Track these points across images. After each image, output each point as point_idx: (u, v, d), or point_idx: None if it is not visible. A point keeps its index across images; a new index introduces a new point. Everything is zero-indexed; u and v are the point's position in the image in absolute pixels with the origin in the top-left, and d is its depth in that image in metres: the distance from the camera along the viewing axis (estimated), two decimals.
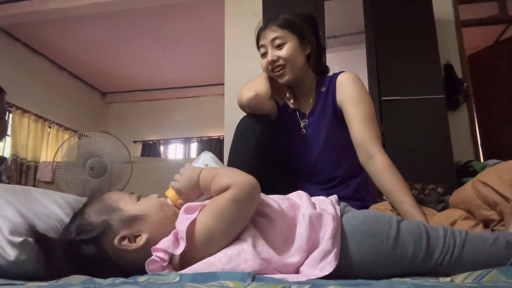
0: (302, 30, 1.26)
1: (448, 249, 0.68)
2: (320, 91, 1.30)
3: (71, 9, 4.03)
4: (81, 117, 6.21)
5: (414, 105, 2.60)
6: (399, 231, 0.70)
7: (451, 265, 0.68)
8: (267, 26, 1.27)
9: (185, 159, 5.81)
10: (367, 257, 0.68)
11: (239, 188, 0.67)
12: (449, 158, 2.46)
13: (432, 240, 0.69)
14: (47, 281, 0.63)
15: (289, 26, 1.25)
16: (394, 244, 0.68)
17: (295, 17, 1.29)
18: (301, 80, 1.30)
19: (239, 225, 0.67)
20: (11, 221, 0.71)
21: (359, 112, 1.19)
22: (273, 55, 1.24)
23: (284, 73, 1.25)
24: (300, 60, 1.26)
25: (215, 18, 4.20)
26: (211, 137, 6.49)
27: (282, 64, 1.24)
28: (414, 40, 2.72)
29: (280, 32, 1.24)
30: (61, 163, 2.60)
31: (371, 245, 0.68)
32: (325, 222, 0.70)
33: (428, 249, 0.68)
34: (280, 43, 1.23)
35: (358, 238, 0.69)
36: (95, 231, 0.68)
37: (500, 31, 4.33)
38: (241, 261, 0.62)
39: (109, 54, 5.51)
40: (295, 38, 1.25)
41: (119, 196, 0.75)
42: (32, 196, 0.87)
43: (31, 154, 5.05)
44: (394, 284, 0.55)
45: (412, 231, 0.70)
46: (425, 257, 0.68)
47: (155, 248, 0.65)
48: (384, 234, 0.69)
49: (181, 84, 6.47)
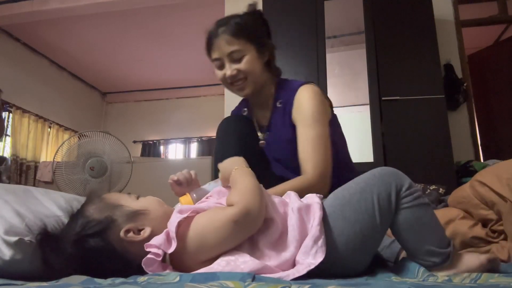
0: (258, 36, 1.17)
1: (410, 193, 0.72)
2: (276, 105, 1.23)
3: (71, 9, 4.04)
4: (81, 117, 6.21)
5: (414, 105, 2.60)
6: (364, 185, 0.74)
7: (406, 209, 0.71)
8: (219, 35, 1.14)
9: (185, 159, 5.81)
10: (355, 225, 0.70)
11: (240, 211, 0.66)
12: (449, 158, 2.47)
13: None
14: (47, 281, 0.63)
15: (245, 34, 1.13)
16: (365, 194, 0.72)
17: (247, 19, 1.18)
18: (260, 91, 1.22)
19: (233, 243, 0.67)
20: (7, 221, 0.72)
21: (307, 134, 1.12)
22: (232, 69, 1.14)
23: (245, 86, 1.17)
24: (260, 70, 1.18)
25: (215, 18, 4.18)
26: (211, 137, 6.49)
27: (242, 78, 1.16)
28: (414, 40, 2.72)
29: (237, 45, 1.12)
30: (61, 163, 2.61)
31: (351, 210, 0.72)
32: (313, 212, 0.72)
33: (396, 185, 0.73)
34: (238, 56, 1.13)
35: (339, 212, 0.72)
36: (100, 225, 0.69)
37: (500, 31, 4.34)
38: (240, 262, 0.64)
39: (109, 54, 5.51)
40: (252, 48, 1.15)
41: (119, 195, 0.77)
42: (32, 196, 0.87)
43: (31, 154, 5.05)
44: (394, 284, 0.55)
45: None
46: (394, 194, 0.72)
47: (148, 245, 0.66)
48: (357, 194, 0.73)
49: (181, 84, 6.46)
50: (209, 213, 0.70)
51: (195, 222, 0.69)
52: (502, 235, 1.04)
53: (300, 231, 0.70)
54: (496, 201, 0.89)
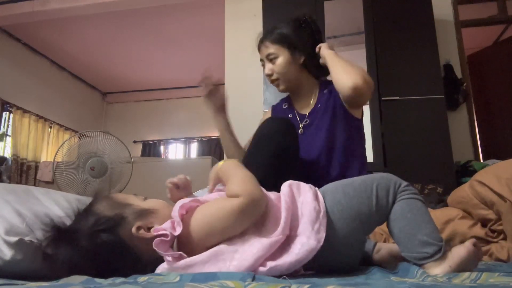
0: (294, 43, 1.33)
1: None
2: (323, 92, 1.37)
3: (71, 10, 4.04)
4: (81, 117, 6.21)
5: (414, 105, 2.61)
6: (366, 177, 0.80)
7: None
8: (262, 41, 1.37)
9: (185, 159, 5.81)
10: (353, 200, 0.76)
11: (247, 202, 0.70)
12: (448, 158, 2.47)
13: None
14: (47, 281, 0.64)
15: (281, 41, 1.33)
16: (366, 181, 0.78)
17: (290, 27, 1.35)
18: (299, 85, 1.39)
19: (239, 229, 0.71)
20: (8, 221, 0.72)
21: None
22: (268, 69, 1.35)
23: (279, 83, 1.37)
24: (293, 71, 1.35)
25: (215, 18, 4.20)
26: (211, 137, 6.50)
27: (276, 78, 1.35)
28: (414, 40, 2.73)
29: (272, 48, 1.33)
30: (61, 163, 2.61)
31: (351, 188, 0.77)
32: (303, 190, 0.79)
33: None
34: (272, 58, 1.34)
35: (340, 189, 0.78)
36: (112, 222, 0.71)
37: (500, 31, 4.33)
38: (246, 247, 0.69)
39: (109, 54, 5.51)
40: (286, 52, 1.33)
41: (126, 195, 0.80)
42: (33, 196, 0.88)
43: (31, 154, 5.05)
44: (393, 284, 0.55)
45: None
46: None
47: (156, 229, 0.70)
48: (358, 180, 0.79)
49: (181, 84, 6.46)
50: (216, 204, 0.73)
51: (202, 211, 0.72)
52: (502, 235, 1.04)
53: (291, 202, 0.75)
54: (495, 201, 0.89)
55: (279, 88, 1.39)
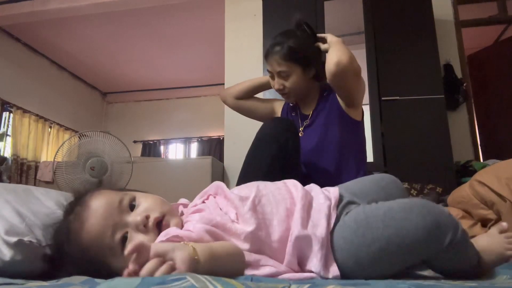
0: (305, 58, 1.31)
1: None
2: (323, 95, 1.41)
3: (71, 9, 4.04)
4: (81, 117, 6.21)
5: (413, 105, 2.60)
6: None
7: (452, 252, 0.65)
8: (274, 54, 1.31)
9: (185, 159, 5.81)
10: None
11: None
12: (448, 158, 2.47)
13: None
14: (47, 281, 0.63)
15: (292, 57, 1.29)
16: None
17: (300, 41, 1.30)
18: (307, 94, 1.41)
19: None
20: (8, 221, 0.71)
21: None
22: (279, 84, 1.34)
23: (289, 96, 1.39)
24: (305, 85, 1.36)
25: (215, 18, 4.20)
26: (211, 137, 6.50)
27: (287, 92, 1.36)
28: (414, 40, 2.73)
29: (284, 66, 1.30)
30: (61, 163, 2.60)
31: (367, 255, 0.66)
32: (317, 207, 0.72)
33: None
34: (284, 75, 1.32)
35: (353, 250, 0.67)
36: None
37: (500, 31, 4.34)
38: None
39: (109, 54, 5.51)
40: (299, 68, 1.31)
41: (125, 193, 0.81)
42: (33, 196, 0.87)
43: (31, 154, 5.05)
44: (393, 284, 0.55)
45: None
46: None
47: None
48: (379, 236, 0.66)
49: (181, 84, 6.47)
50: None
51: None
52: None
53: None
54: (495, 201, 0.89)
55: (288, 100, 1.42)
